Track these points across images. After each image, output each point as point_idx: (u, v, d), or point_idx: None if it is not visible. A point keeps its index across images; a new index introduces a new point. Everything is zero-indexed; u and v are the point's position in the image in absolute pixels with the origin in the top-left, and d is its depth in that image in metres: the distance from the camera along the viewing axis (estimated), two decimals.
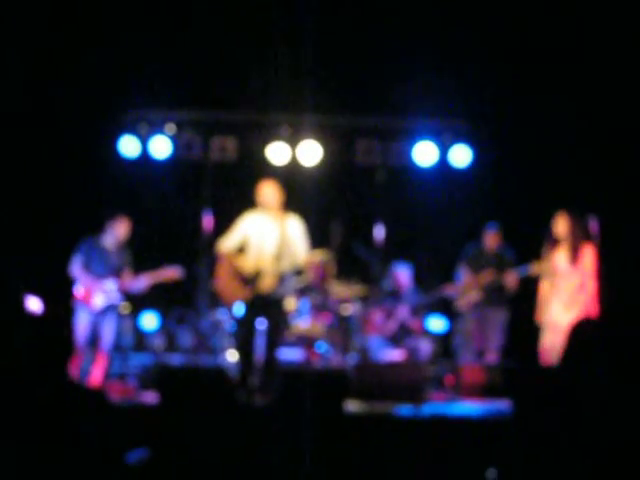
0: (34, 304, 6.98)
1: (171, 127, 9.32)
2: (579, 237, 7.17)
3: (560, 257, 7.25)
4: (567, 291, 7.19)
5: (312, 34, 8.91)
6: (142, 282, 7.90)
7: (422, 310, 8.48)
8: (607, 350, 3.50)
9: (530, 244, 8.16)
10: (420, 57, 8.86)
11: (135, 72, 8.84)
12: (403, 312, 8.30)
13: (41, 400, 3.28)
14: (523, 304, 8.26)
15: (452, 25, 8.72)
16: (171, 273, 7.96)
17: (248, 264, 7.18)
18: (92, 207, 8.38)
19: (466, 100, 9.06)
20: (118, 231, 7.81)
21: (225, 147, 9.37)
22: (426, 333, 8.47)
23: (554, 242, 7.26)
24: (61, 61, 8.78)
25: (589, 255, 7.16)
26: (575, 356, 3.53)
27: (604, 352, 3.49)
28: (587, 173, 8.69)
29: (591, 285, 7.15)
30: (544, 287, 7.36)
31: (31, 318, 3.53)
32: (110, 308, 7.78)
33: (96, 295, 7.70)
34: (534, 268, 7.80)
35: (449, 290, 8.40)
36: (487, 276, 8.19)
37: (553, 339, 6.97)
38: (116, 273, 7.82)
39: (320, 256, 7.20)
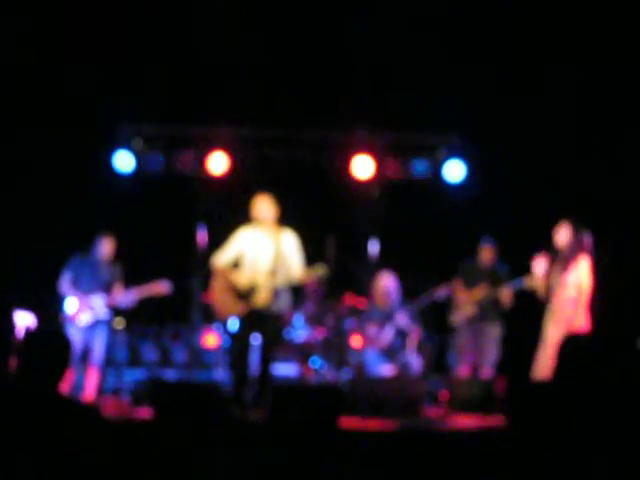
0: (27, 319, 6.98)
1: (164, 142, 9.32)
2: (575, 248, 7.12)
3: (555, 269, 7.22)
4: (556, 304, 7.15)
5: (305, 47, 8.97)
6: (130, 297, 7.90)
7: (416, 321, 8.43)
8: (598, 365, 3.50)
9: (523, 259, 8.18)
10: (416, 72, 8.90)
11: (128, 86, 8.85)
12: (395, 325, 8.25)
13: (34, 416, 3.27)
14: (518, 318, 8.27)
15: (449, 39, 8.76)
16: (160, 288, 7.95)
17: (243, 279, 7.16)
18: (84, 222, 8.37)
19: (460, 115, 9.09)
20: (103, 249, 7.86)
21: (219, 162, 9.37)
22: (419, 346, 8.45)
23: (553, 255, 7.23)
24: (52, 75, 8.81)
25: (585, 267, 7.12)
26: (566, 371, 3.54)
27: (595, 367, 3.50)
28: (582, 188, 8.71)
29: (584, 299, 7.09)
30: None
31: (25, 333, 3.52)
32: (99, 323, 7.78)
33: (82, 312, 7.70)
34: (528, 281, 7.79)
35: (439, 292, 8.32)
36: (481, 291, 8.18)
37: (543, 353, 6.97)
38: (106, 288, 7.83)
39: (317, 271, 7.18)
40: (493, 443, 5.20)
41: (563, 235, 7.17)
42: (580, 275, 7.06)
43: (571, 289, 7.08)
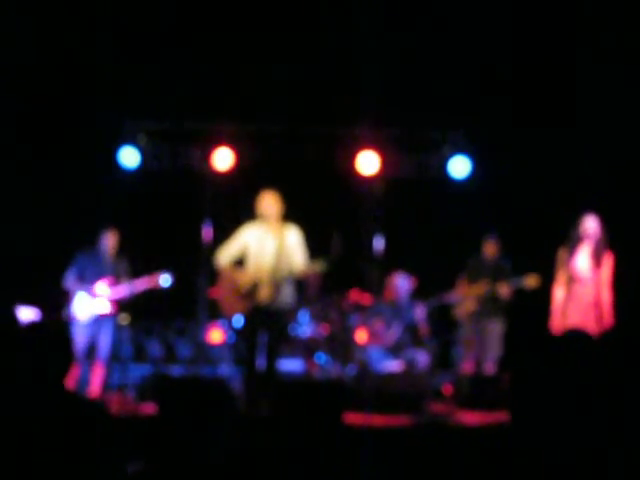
0: (29, 314, 6.99)
1: (170, 138, 9.32)
2: (605, 242, 7.10)
3: (582, 261, 7.14)
4: (585, 299, 7.09)
5: (312, 46, 8.96)
6: (127, 289, 7.86)
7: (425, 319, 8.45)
8: (597, 363, 3.49)
9: (529, 255, 8.17)
10: (421, 68, 8.89)
11: (134, 82, 8.85)
12: (408, 320, 8.27)
13: (39, 411, 3.28)
14: (520, 315, 8.26)
15: (454, 35, 8.75)
16: (158, 281, 7.94)
17: (246, 277, 7.15)
18: (91, 218, 8.38)
19: (465, 111, 9.07)
20: (107, 243, 7.86)
21: (224, 158, 9.36)
22: (426, 343, 8.46)
23: (573, 246, 7.19)
24: (59, 71, 8.82)
25: (609, 263, 7.10)
26: (567, 368, 3.53)
27: (594, 364, 3.49)
28: (588, 184, 8.68)
29: (607, 295, 7.06)
30: (557, 294, 7.22)
31: (29, 328, 3.52)
32: (104, 319, 7.79)
33: (88, 308, 7.72)
34: (528, 280, 7.79)
35: (447, 298, 8.37)
36: (482, 286, 8.17)
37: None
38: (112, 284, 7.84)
39: (316, 266, 7.17)
40: (498, 439, 5.21)
41: (592, 227, 7.09)
42: (604, 272, 7.04)
43: (597, 284, 7.03)
